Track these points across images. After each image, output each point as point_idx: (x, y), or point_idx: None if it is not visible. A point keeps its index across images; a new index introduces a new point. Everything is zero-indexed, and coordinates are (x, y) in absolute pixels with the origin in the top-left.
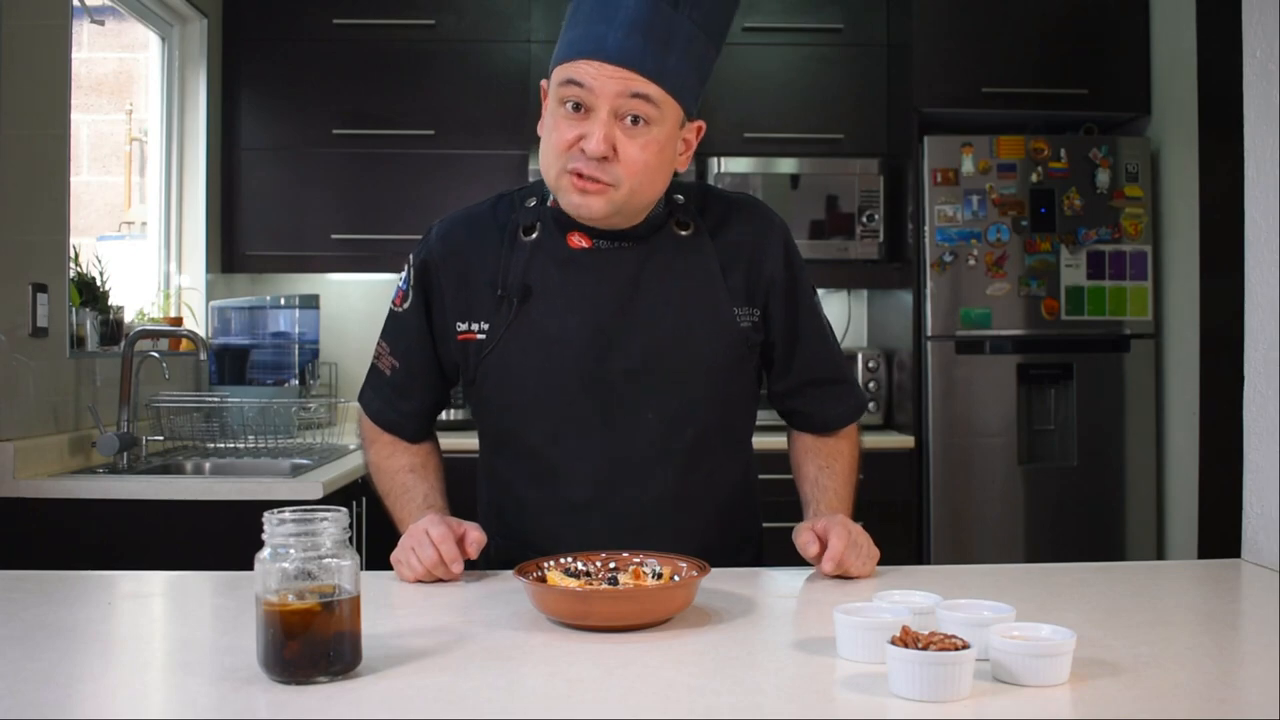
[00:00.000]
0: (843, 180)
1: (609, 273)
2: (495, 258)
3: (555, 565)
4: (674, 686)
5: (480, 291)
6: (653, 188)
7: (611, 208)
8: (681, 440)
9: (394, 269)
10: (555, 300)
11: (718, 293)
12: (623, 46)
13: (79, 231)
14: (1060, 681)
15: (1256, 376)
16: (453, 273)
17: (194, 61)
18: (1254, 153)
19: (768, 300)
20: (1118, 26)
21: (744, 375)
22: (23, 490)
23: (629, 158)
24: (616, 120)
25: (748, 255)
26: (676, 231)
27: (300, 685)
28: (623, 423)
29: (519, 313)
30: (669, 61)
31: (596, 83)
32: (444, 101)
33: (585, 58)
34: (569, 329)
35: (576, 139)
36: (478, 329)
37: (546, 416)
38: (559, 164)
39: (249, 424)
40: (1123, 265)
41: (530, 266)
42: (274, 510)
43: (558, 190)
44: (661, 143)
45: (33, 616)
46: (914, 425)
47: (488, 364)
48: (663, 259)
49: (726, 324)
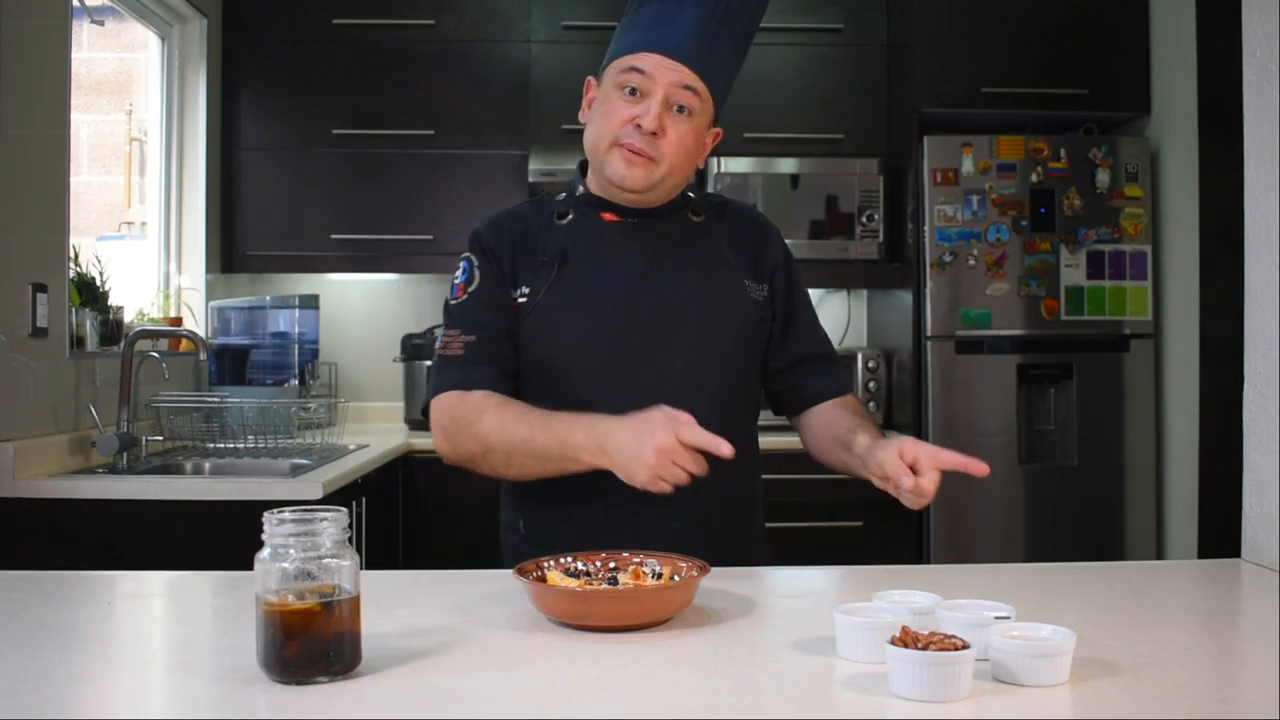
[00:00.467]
0: (843, 180)
1: (637, 242)
2: (536, 238)
3: (555, 565)
4: (674, 686)
5: (525, 265)
6: (684, 170)
7: (651, 181)
8: (705, 387)
9: (394, 269)
10: (590, 264)
11: (730, 267)
12: (681, 45)
13: (79, 231)
14: (1060, 681)
15: (1256, 376)
16: (504, 248)
17: (194, 61)
18: (1254, 153)
19: (772, 281)
20: (1118, 26)
21: (755, 344)
22: (23, 490)
23: (674, 138)
24: (668, 109)
25: (753, 243)
26: (691, 218)
27: (300, 685)
28: (650, 371)
29: (558, 275)
30: (713, 67)
31: (657, 71)
32: (444, 101)
33: (649, 50)
34: (602, 288)
35: (631, 118)
36: (521, 295)
37: (582, 365)
38: (611, 137)
39: (249, 424)
40: (1122, 265)
41: (567, 238)
42: (274, 510)
43: (606, 161)
44: (698, 133)
45: (33, 616)
46: (914, 425)
47: (529, 324)
48: (682, 235)
49: (741, 291)
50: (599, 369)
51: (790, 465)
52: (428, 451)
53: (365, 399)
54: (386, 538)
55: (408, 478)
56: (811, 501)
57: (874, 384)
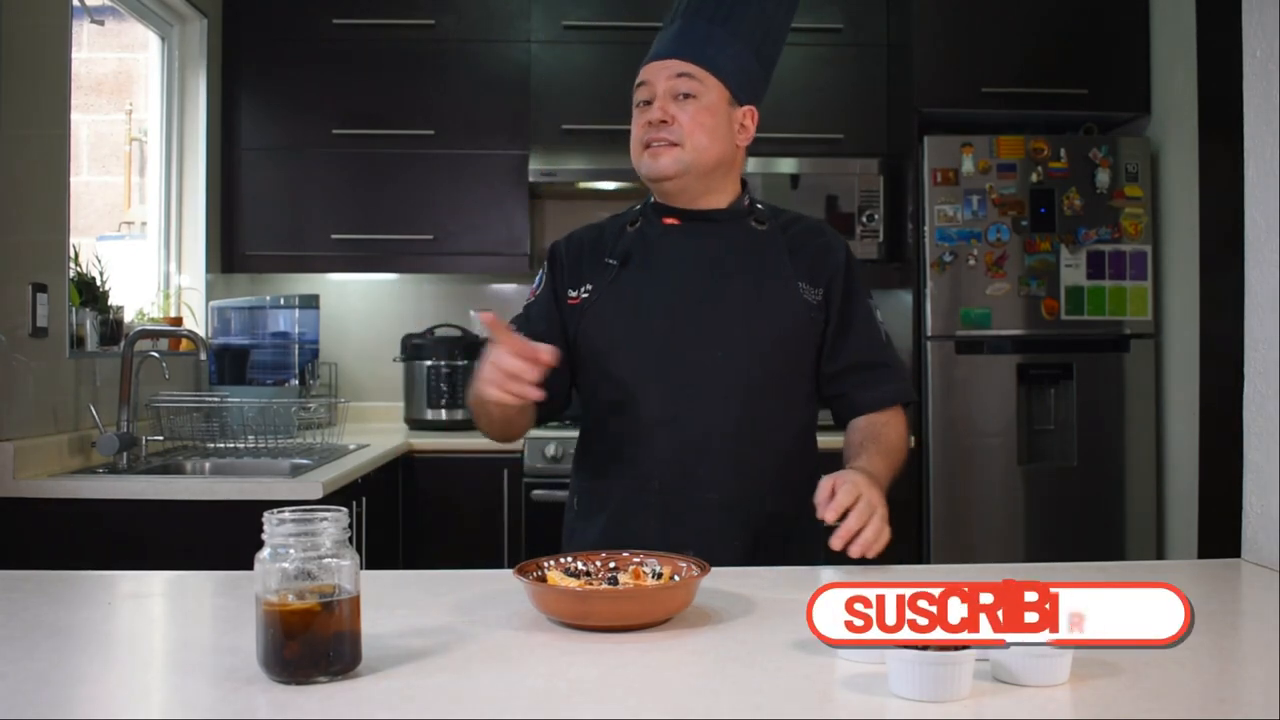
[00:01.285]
0: (843, 180)
1: (694, 244)
2: (605, 244)
3: (555, 565)
4: (674, 686)
5: (590, 266)
6: (713, 148)
7: (678, 164)
8: (746, 380)
9: (394, 269)
10: (649, 265)
11: (785, 271)
12: (670, 47)
13: (79, 231)
14: (1060, 681)
15: (1256, 376)
16: (573, 257)
17: (194, 61)
18: (1254, 153)
19: (829, 287)
20: (1118, 26)
21: (806, 344)
22: (23, 490)
23: (684, 119)
24: (672, 99)
25: (814, 249)
26: (754, 225)
27: (300, 685)
28: (694, 361)
29: (619, 274)
30: (707, 52)
31: (653, 76)
32: (444, 101)
33: (646, 64)
34: (657, 285)
35: (646, 121)
36: (584, 291)
37: (629, 357)
38: (639, 145)
39: (249, 424)
40: (1123, 265)
41: (632, 242)
42: (274, 510)
43: (639, 164)
44: (710, 111)
45: (32, 616)
46: (914, 425)
47: (588, 318)
48: (740, 241)
49: (791, 295)
50: (643, 359)
51: None
52: (428, 451)
53: (365, 399)
54: (386, 538)
55: (408, 478)
56: None
57: None
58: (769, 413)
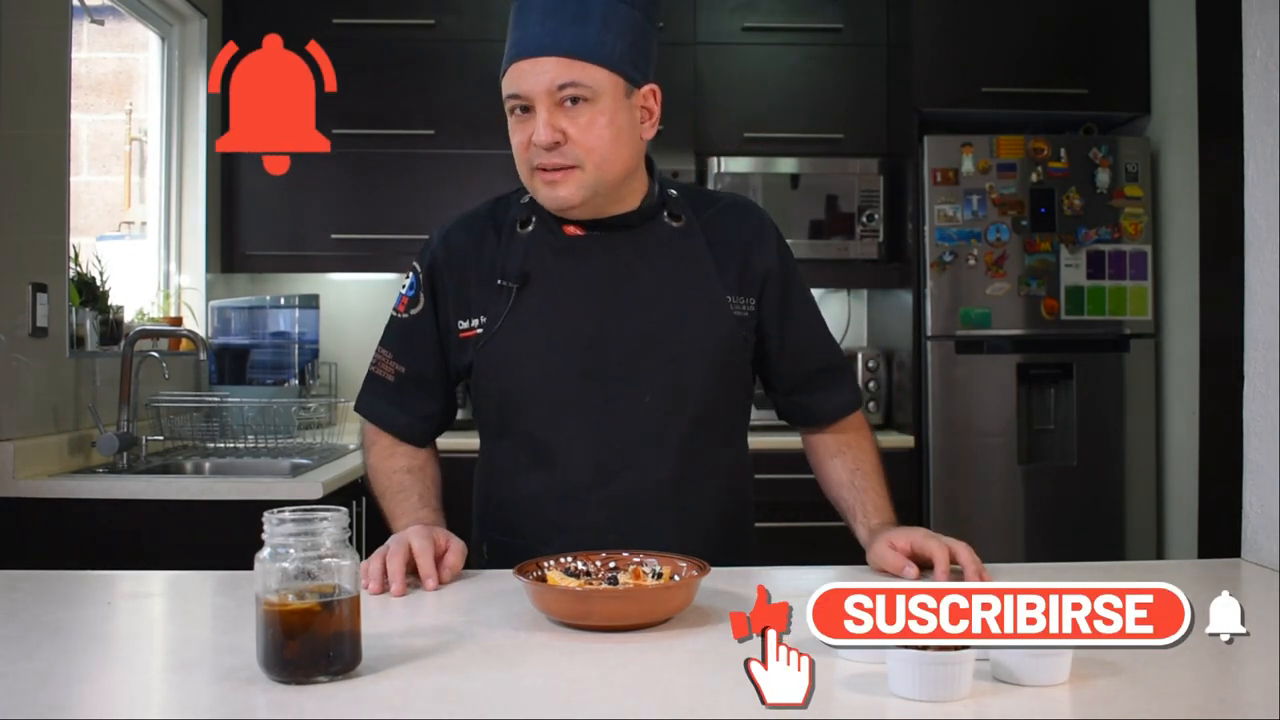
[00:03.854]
0: (843, 180)
1: (604, 259)
2: (494, 253)
3: (555, 565)
4: (674, 686)
5: (479, 287)
6: (619, 159)
7: (583, 189)
8: (679, 423)
9: (394, 269)
10: (552, 286)
11: (711, 281)
12: (538, 37)
13: (79, 231)
14: (1060, 681)
15: (1256, 376)
16: (455, 273)
17: (194, 61)
18: (1254, 153)
19: (761, 291)
20: (1117, 26)
21: (738, 364)
22: (23, 490)
23: (578, 135)
24: (558, 108)
25: (740, 249)
26: (669, 222)
27: (300, 685)
28: (621, 406)
29: (517, 299)
30: (588, 34)
31: (526, 82)
32: (444, 101)
33: (512, 62)
34: (566, 314)
35: (529, 139)
36: (477, 323)
37: (545, 401)
38: (525, 167)
39: (249, 424)
40: (1123, 265)
41: (528, 256)
42: (274, 510)
43: (534, 191)
44: (609, 114)
45: (32, 616)
46: (914, 425)
47: (486, 353)
48: (656, 247)
49: (721, 311)
50: (560, 406)
51: (789, 465)
52: None
53: None
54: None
55: None
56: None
57: (874, 384)
58: (706, 453)
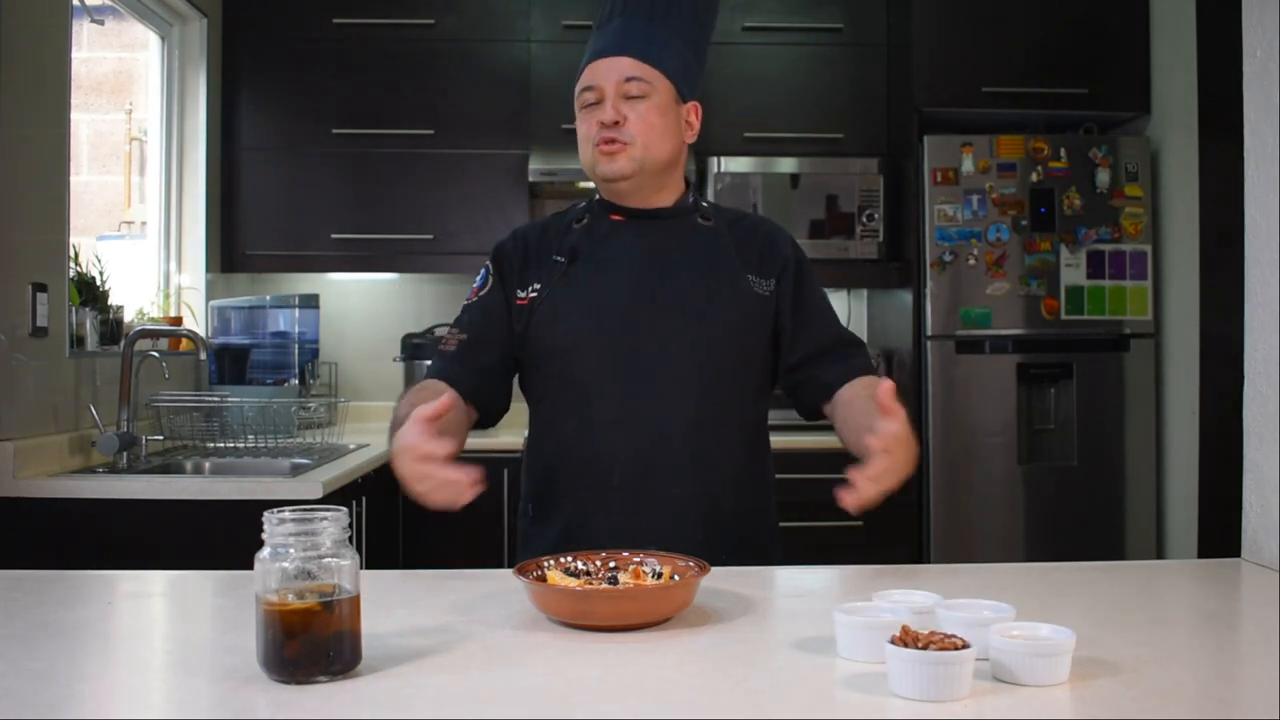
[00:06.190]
0: (843, 180)
1: (642, 240)
2: (553, 241)
3: (555, 565)
4: (674, 686)
5: (538, 267)
6: (664, 147)
7: (633, 163)
8: (700, 375)
9: (394, 269)
10: (597, 260)
11: (733, 264)
12: (614, 44)
13: (79, 231)
14: (1060, 681)
15: (1256, 376)
16: (519, 256)
17: (194, 61)
18: (1254, 153)
19: (779, 278)
20: (1118, 26)
21: (757, 335)
22: (23, 490)
23: (635, 118)
24: (623, 99)
25: (760, 243)
26: (700, 221)
27: (300, 685)
28: (649, 354)
29: (566, 271)
30: (652, 50)
31: (600, 76)
32: (444, 101)
33: (591, 61)
34: (606, 282)
35: (596, 123)
36: (533, 290)
37: (584, 350)
38: (589, 144)
39: (249, 424)
40: (1122, 265)
41: (580, 239)
42: (274, 510)
43: (593, 166)
44: (660, 109)
45: (33, 616)
46: (914, 425)
47: (539, 313)
48: (687, 236)
49: (742, 286)
50: (598, 357)
51: (788, 465)
52: None
53: (365, 399)
54: (386, 538)
55: None
56: (811, 501)
57: None
58: (724, 405)
